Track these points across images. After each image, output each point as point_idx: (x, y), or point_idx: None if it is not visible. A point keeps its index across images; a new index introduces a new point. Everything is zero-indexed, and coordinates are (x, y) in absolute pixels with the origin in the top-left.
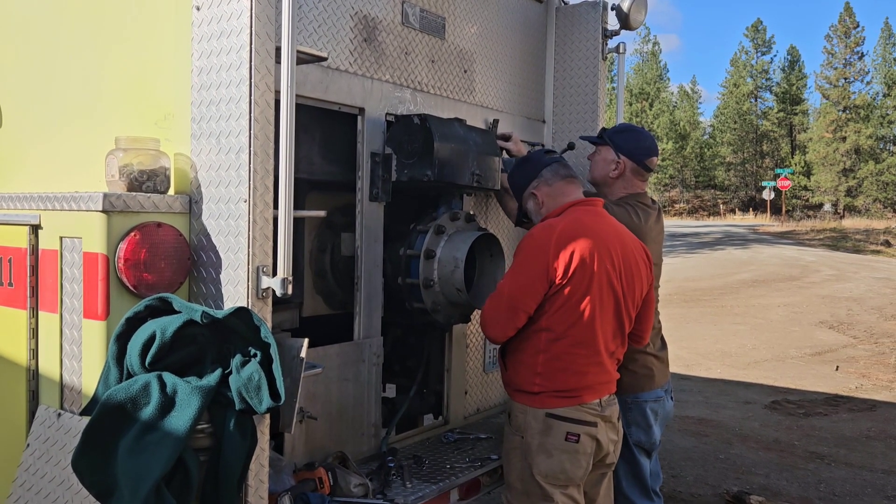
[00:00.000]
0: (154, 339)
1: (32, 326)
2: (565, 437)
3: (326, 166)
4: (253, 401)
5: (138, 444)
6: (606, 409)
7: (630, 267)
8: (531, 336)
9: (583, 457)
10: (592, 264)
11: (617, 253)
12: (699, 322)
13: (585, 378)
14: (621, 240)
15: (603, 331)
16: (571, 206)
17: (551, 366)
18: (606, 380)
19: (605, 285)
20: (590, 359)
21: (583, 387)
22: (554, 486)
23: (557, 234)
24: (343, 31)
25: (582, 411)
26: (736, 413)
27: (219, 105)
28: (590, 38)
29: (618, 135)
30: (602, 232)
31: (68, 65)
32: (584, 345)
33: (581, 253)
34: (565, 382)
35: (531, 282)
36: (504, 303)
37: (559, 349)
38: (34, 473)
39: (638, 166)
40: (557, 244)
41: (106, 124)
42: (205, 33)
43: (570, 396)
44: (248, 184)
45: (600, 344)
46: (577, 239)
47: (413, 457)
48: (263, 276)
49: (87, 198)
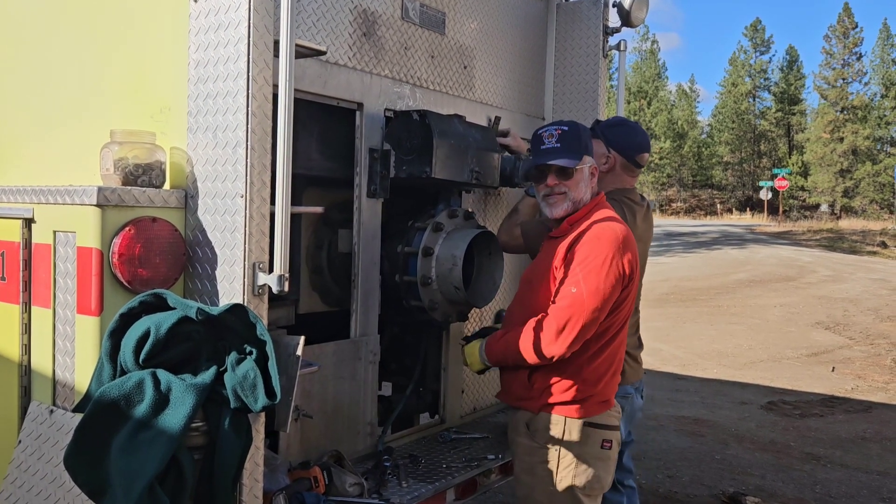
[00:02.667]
0: (148, 336)
1: (25, 321)
2: (601, 444)
3: (324, 162)
4: (248, 399)
5: (132, 442)
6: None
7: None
8: None
9: (612, 463)
10: (638, 268)
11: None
12: (696, 322)
13: (616, 378)
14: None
15: (626, 328)
16: (602, 198)
17: (597, 371)
18: None
19: (637, 281)
20: (622, 357)
21: (614, 386)
22: (590, 496)
23: (623, 236)
24: (342, 26)
25: (611, 415)
26: (732, 413)
27: (216, 99)
28: (591, 34)
29: (610, 129)
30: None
31: (64, 57)
32: (622, 343)
33: (635, 257)
34: (606, 387)
35: (612, 287)
36: (585, 313)
37: (606, 353)
38: (26, 470)
39: (628, 162)
40: (625, 247)
41: (101, 117)
42: (202, 26)
43: (604, 401)
44: (244, 179)
45: (626, 338)
46: (633, 242)
47: (409, 456)
48: (260, 272)
49: (81, 191)
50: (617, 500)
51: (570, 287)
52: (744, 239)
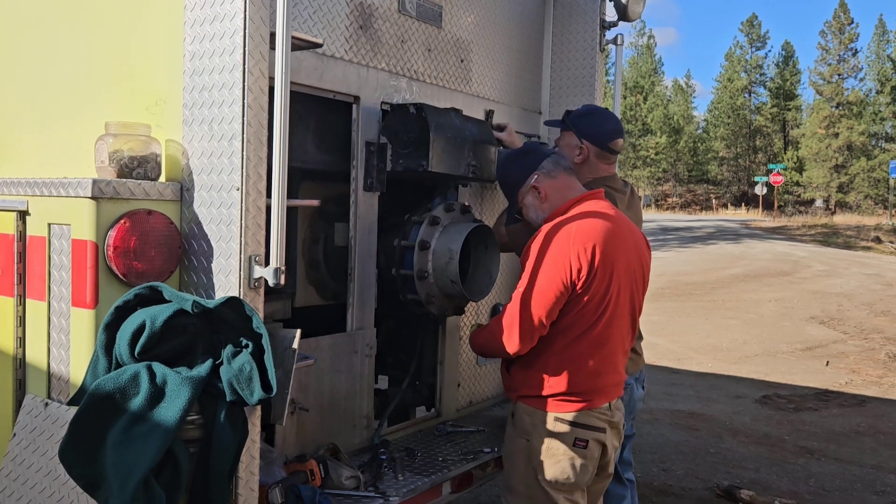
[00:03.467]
0: (144, 329)
1: (19, 314)
2: (574, 442)
3: (320, 155)
4: (244, 392)
5: (127, 435)
6: (615, 414)
7: (639, 256)
8: (545, 339)
9: (590, 462)
10: (611, 261)
11: (629, 244)
12: (691, 316)
13: (599, 380)
14: (629, 229)
15: (619, 328)
16: (577, 202)
17: (565, 368)
18: (617, 380)
19: (622, 280)
20: (606, 358)
21: (594, 389)
22: (559, 490)
23: (574, 233)
24: (339, 18)
25: (591, 416)
26: (727, 407)
27: (211, 91)
28: (587, 28)
29: (580, 119)
30: (613, 225)
31: (59, 49)
32: (601, 344)
33: (601, 251)
34: (578, 385)
35: (555, 288)
36: (528, 313)
37: (575, 350)
38: (20, 463)
39: (602, 150)
40: (577, 245)
41: (96, 109)
42: (197, 17)
43: (580, 400)
44: (240, 171)
45: (616, 342)
46: (595, 236)
47: (405, 449)
48: (256, 265)
49: (75, 184)
50: (620, 493)
51: (519, 286)
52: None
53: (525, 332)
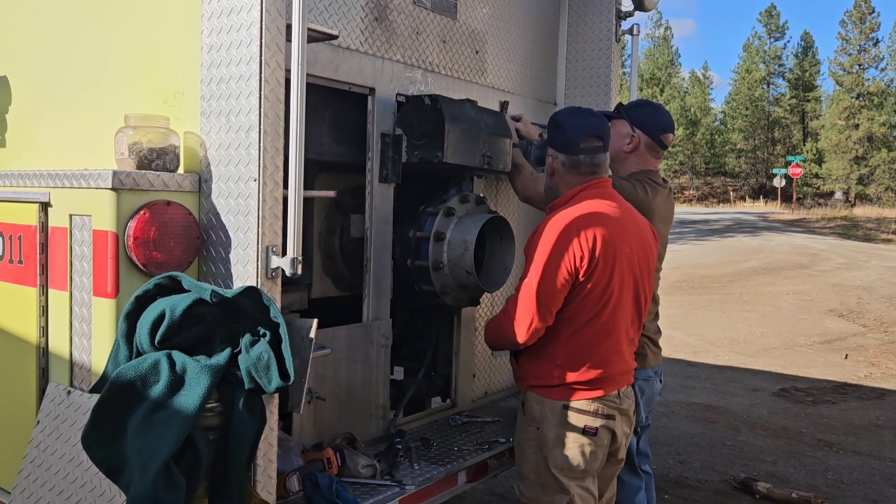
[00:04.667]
0: (163, 318)
1: (42, 304)
2: (583, 429)
3: (336, 147)
4: (262, 380)
5: (147, 422)
6: (624, 402)
7: (645, 247)
8: (550, 329)
9: (600, 449)
10: (613, 250)
11: (632, 234)
12: (708, 309)
13: (606, 368)
14: (633, 219)
15: (623, 317)
16: (581, 191)
17: (572, 357)
18: (625, 369)
19: (625, 270)
20: (611, 348)
21: (603, 377)
22: (570, 478)
23: (576, 223)
24: (354, 10)
25: (600, 403)
26: (744, 400)
27: (228, 83)
28: (603, 19)
29: (634, 108)
30: (617, 214)
31: (78, 42)
32: (607, 333)
33: (602, 240)
34: (585, 373)
35: (560, 276)
36: (534, 303)
37: (581, 339)
38: (45, 450)
39: (653, 141)
40: (578, 234)
41: (116, 101)
42: (215, 9)
43: (589, 388)
44: (257, 162)
45: (622, 331)
46: (597, 226)
47: (421, 439)
48: (273, 255)
49: (96, 175)
50: (636, 485)
51: (523, 276)
52: (757, 227)
53: (531, 321)
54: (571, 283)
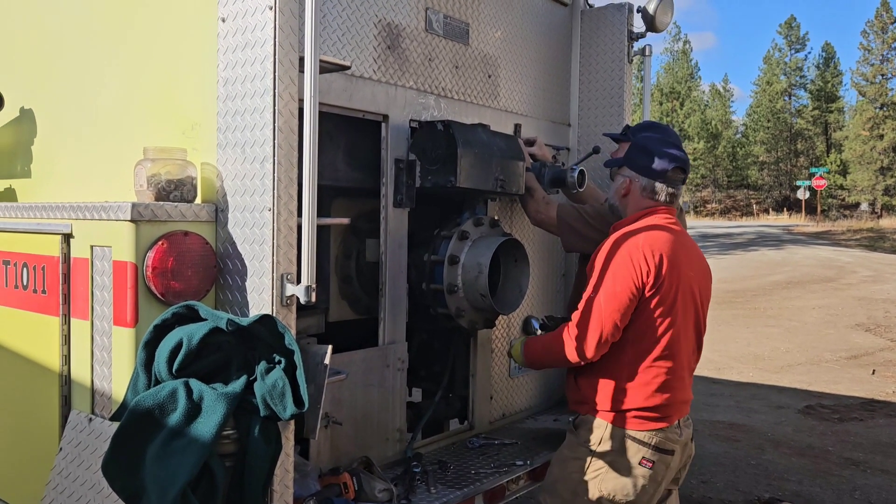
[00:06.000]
0: (181, 347)
1: (65, 333)
2: (640, 461)
3: (351, 173)
4: (277, 407)
5: (165, 449)
6: (684, 432)
7: (704, 275)
8: (615, 348)
9: (652, 484)
10: (678, 272)
11: (694, 261)
12: (731, 324)
13: (670, 394)
14: (694, 249)
15: (686, 344)
16: (648, 213)
17: (636, 381)
18: (685, 398)
19: (688, 295)
20: (675, 374)
21: (666, 404)
22: (611, 502)
23: (643, 239)
24: (367, 39)
25: (662, 436)
26: (768, 418)
27: (244, 115)
28: (615, 40)
29: (640, 131)
30: (681, 239)
31: (98, 76)
32: (670, 357)
33: (669, 261)
34: (650, 400)
35: (627, 290)
36: (601, 317)
37: (646, 364)
38: (66, 477)
39: None
40: (646, 250)
41: (135, 134)
42: (230, 44)
43: (653, 418)
44: (272, 193)
45: (684, 358)
46: (663, 245)
47: (438, 462)
48: (288, 283)
49: (116, 207)
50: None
51: (588, 291)
52: (781, 240)
53: (598, 337)
54: (638, 297)
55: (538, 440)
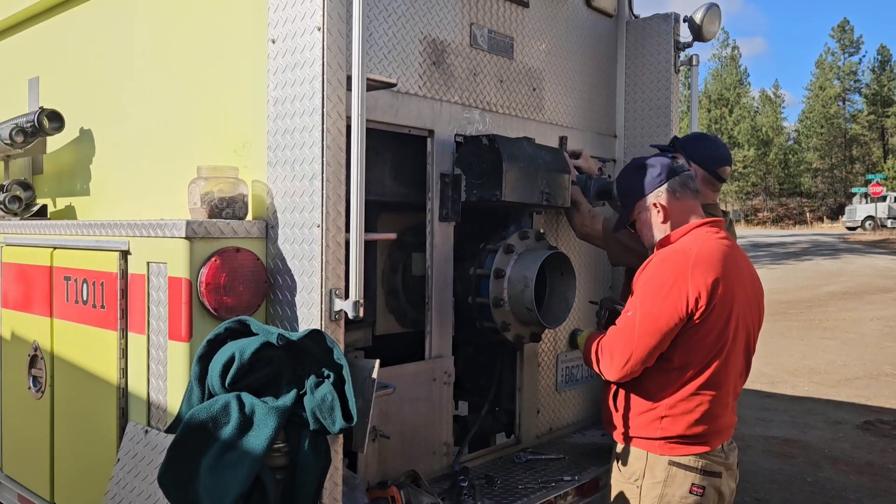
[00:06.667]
0: (233, 361)
1: (122, 347)
2: (689, 488)
3: (397, 188)
4: (326, 421)
5: (219, 461)
6: (729, 456)
7: (756, 294)
8: (656, 374)
9: None
10: (731, 294)
11: (746, 280)
12: (785, 337)
13: (714, 423)
14: (747, 265)
15: (734, 369)
16: (698, 228)
17: (679, 408)
18: (729, 423)
19: (740, 318)
20: (720, 401)
21: (710, 432)
22: None
23: (695, 259)
24: (412, 56)
25: (708, 460)
26: (825, 434)
27: (293, 133)
28: (661, 51)
29: (690, 143)
30: (733, 258)
31: (154, 97)
32: (716, 385)
33: (721, 282)
34: (691, 429)
35: (669, 315)
36: (635, 339)
37: (690, 389)
38: (124, 487)
39: (709, 175)
40: (696, 271)
41: (188, 152)
42: (279, 65)
43: (696, 443)
44: (320, 209)
45: (730, 384)
46: (716, 265)
47: (485, 476)
48: (336, 298)
49: (171, 225)
50: None
51: (627, 310)
52: (836, 249)
53: (626, 360)
54: (682, 325)
55: (586, 455)
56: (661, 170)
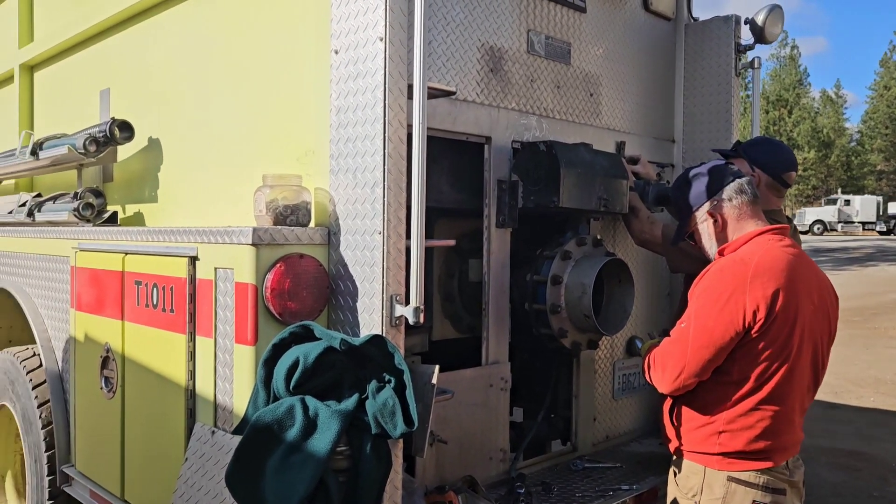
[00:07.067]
0: (297, 365)
1: (190, 350)
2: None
3: (454, 194)
4: (388, 426)
5: (284, 463)
6: (794, 473)
7: (825, 305)
8: (714, 388)
9: None
10: (795, 306)
11: (814, 290)
12: (849, 346)
13: (776, 440)
14: (815, 274)
15: (800, 384)
16: (760, 235)
17: (738, 423)
18: (794, 441)
19: (806, 330)
20: (784, 416)
21: (771, 449)
22: None
23: (754, 269)
24: (470, 63)
25: (770, 476)
26: (892, 446)
27: (355, 142)
28: (722, 53)
29: (754, 147)
30: (799, 266)
31: (220, 107)
32: (779, 400)
33: (783, 293)
34: (751, 445)
35: (724, 328)
36: (688, 351)
37: (750, 404)
38: (192, 486)
39: (774, 180)
40: (756, 282)
41: (254, 160)
42: (342, 75)
43: (757, 458)
44: (382, 216)
45: (796, 400)
46: (778, 275)
47: (541, 483)
48: (397, 304)
49: (238, 232)
50: None
51: (682, 321)
52: None
53: (678, 373)
54: (739, 339)
55: (643, 464)
56: (714, 178)
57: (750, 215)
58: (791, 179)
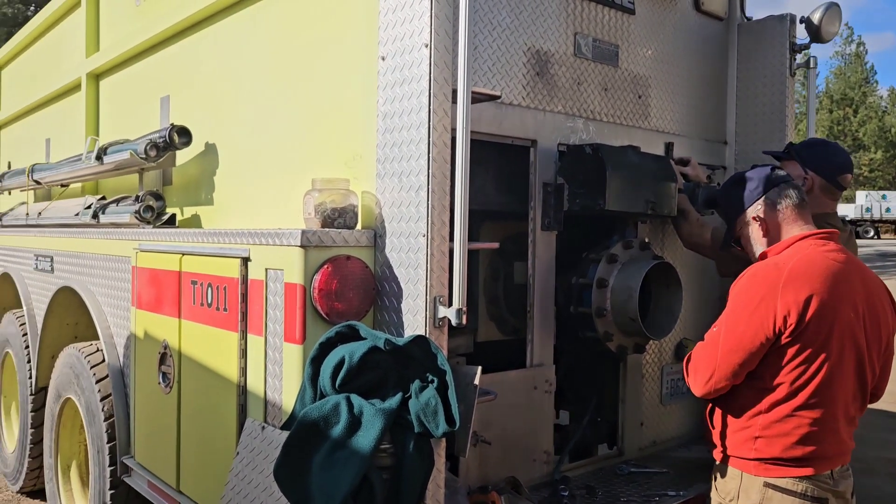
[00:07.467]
0: (343, 364)
1: (242, 347)
2: None
3: (499, 197)
4: (430, 425)
5: (329, 459)
6: (840, 483)
7: (875, 312)
8: (749, 393)
9: None
10: (832, 312)
11: (860, 296)
12: None
13: (817, 447)
14: (863, 279)
15: (843, 392)
16: (802, 240)
17: (774, 430)
18: (840, 450)
19: (846, 337)
20: (823, 425)
21: (811, 457)
22: None
23: (787, 274)
24: (516, 67)
25: (811, 484)
26: None
27: (401, 146)
28: (776, 53)
29: (807, 149)
30: (842, 271)
31: (271, 113)
32: (818, 408)
33: (818, 298)
34: (788, 452)
35: (754, 333)
36: (718, 355)
37: (785, 411)
38: (242, 479)
39: (828, 183)
40: (788, 287)
41: (304, 164)
42: (389, 81)
43: (797, 465)
44: (426, 219)
45: (838, 408)
46: (813, 281)
47: (586, 486)
48: (440, 306)
49: (287, 234)
50: None
51: (715, 325)
52: None
53: (709, 376)
54: (770, 344)
55: (691, 470)
56: (759, 181)
57: (795, 219)
58: (846, 182)
